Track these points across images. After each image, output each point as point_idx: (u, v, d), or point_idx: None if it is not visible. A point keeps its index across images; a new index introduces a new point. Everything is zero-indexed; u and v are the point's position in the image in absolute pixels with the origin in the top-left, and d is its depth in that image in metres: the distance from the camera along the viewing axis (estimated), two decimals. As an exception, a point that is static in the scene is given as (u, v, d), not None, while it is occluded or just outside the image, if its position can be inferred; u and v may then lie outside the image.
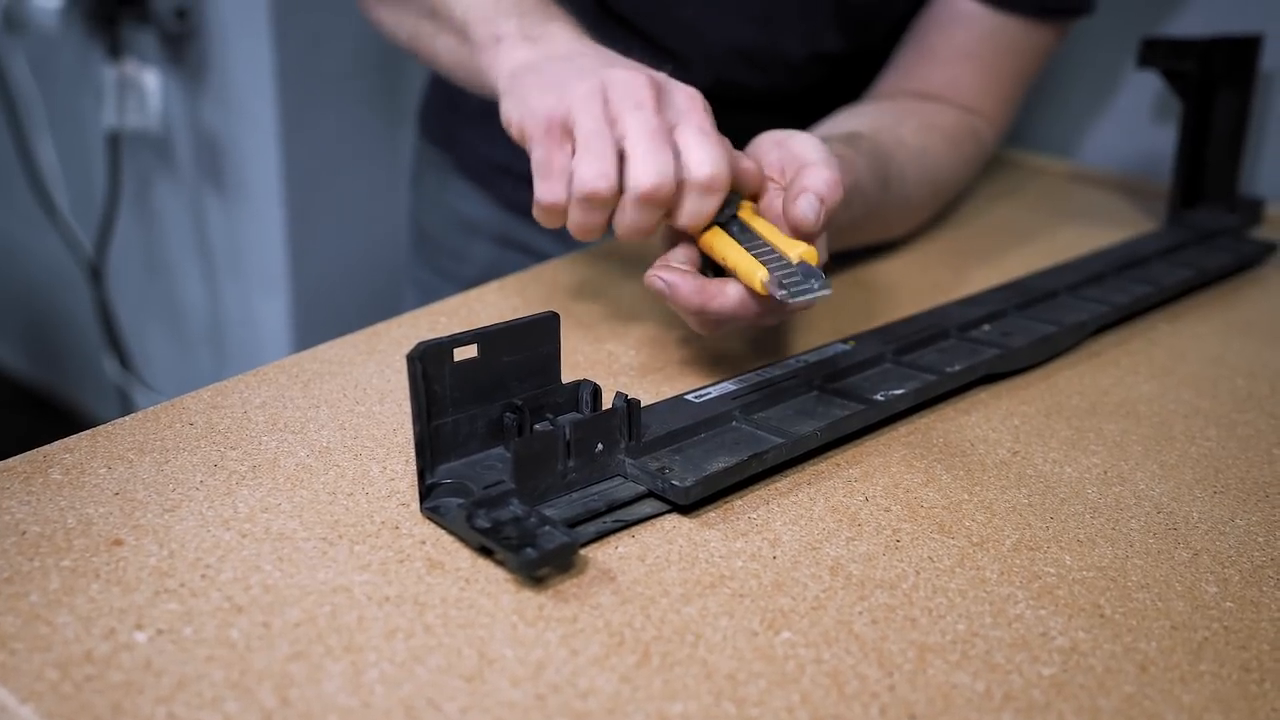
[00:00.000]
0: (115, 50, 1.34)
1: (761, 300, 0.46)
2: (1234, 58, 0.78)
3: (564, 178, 0.47)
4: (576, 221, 0.47)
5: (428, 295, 0.92)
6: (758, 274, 0.45)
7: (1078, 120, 0.98)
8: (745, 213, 0.49)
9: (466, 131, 0.87)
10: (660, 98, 0.47)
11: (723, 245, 0.47)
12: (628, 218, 0.46)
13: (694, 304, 0.46)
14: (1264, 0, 0.86)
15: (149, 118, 1.37)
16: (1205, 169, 0.79)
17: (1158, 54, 0.77)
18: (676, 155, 0.45)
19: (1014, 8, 0.70)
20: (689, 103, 0.47)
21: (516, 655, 0.33)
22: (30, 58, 1.45)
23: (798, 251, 0.46)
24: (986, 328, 0.57)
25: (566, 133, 0.47)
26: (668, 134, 0.46)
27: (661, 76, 0.48)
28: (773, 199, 0.49)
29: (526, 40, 0.53)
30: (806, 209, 0.46)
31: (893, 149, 0.64)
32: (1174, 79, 0.78)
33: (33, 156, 1.49)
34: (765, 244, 0.47)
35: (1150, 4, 0.91)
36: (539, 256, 0.83)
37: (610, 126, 0.46)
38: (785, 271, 0.45)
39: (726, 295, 0.46)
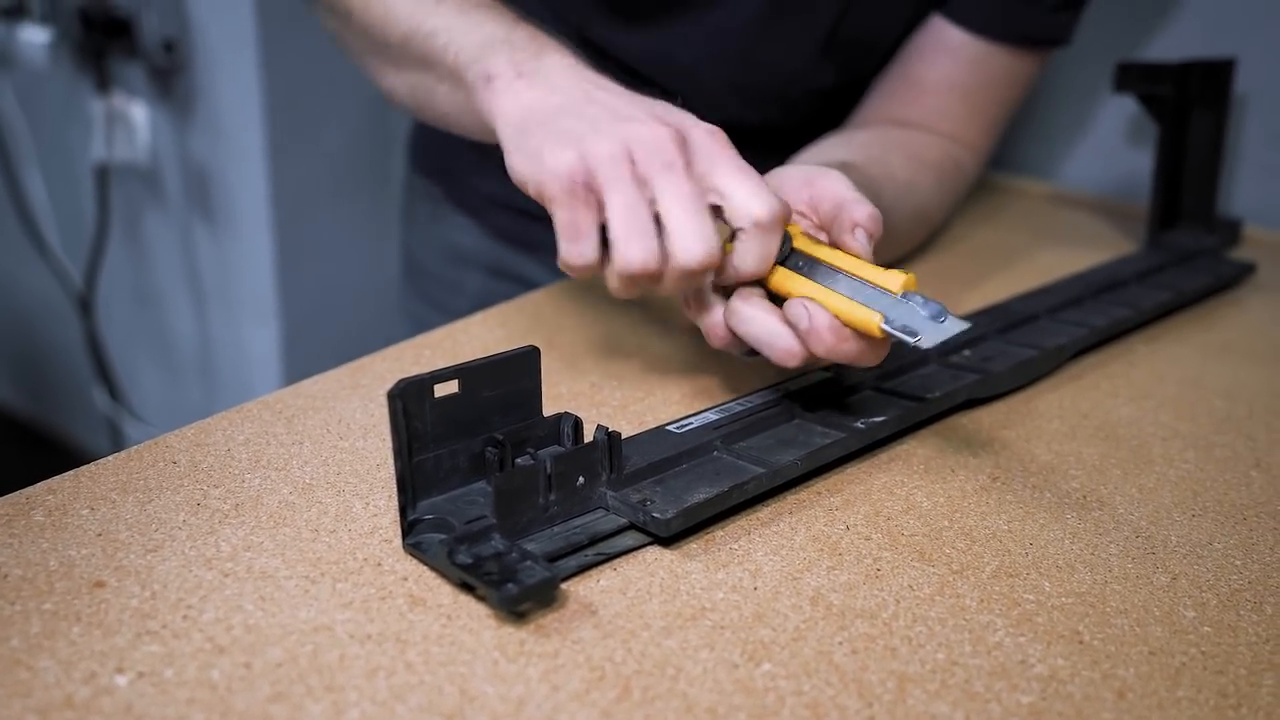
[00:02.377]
0: (103, 83, 1.35)
1: (878, 341, 0.44)
2: (1208, 81, 0.79)
3: (593, 239, 0.45)
4: (620, 291, 0.46)
5: (419, 326, 0.92)
6: (872, 317, 0.42)
7: (1057, 143, 0.99)
8: (802, 243, 0.46)
9: (458, 162, 0.87)
10: (686, 150, 0.45)
11: (801, 286, 0.44)
12: (670, 286, 0.45)
13: (828, 342, 0.43)
14: (1236, 24, 0.87)
15: (137, 150, 1.38)
16: (1183, 190, 0.80)
17: (1133, 78, 0.78)
18: (717, 209, 0.44)
19: (998, 37, 0.71)
20: (715, 145, 0.45)
21: (498, 692, 0.33)
22: (19, 91, 1.46)
23: (898, 282, 0.42)
24: (966, 353, 0.57)
25: (591, 192, 0.44)
26: (703, 196, 0.44)
27: (679, 120, 0.46)
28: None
29: (521, 78, 0.49)
30: (863, 243, 0.45)
31: (883, 181, 0.64)
32: (1150, 102, 0.79)
33: (21, 189, 1.49)
34: (845, 274, 0.44)
35: (1126, 28, 0.93)
36: (531, 286, 0.83)
37: (641, 189, 0.44)
38: (894, 307, 0.42)
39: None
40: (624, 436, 0.43)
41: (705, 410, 0.49)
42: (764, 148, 0.76)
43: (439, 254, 0.90)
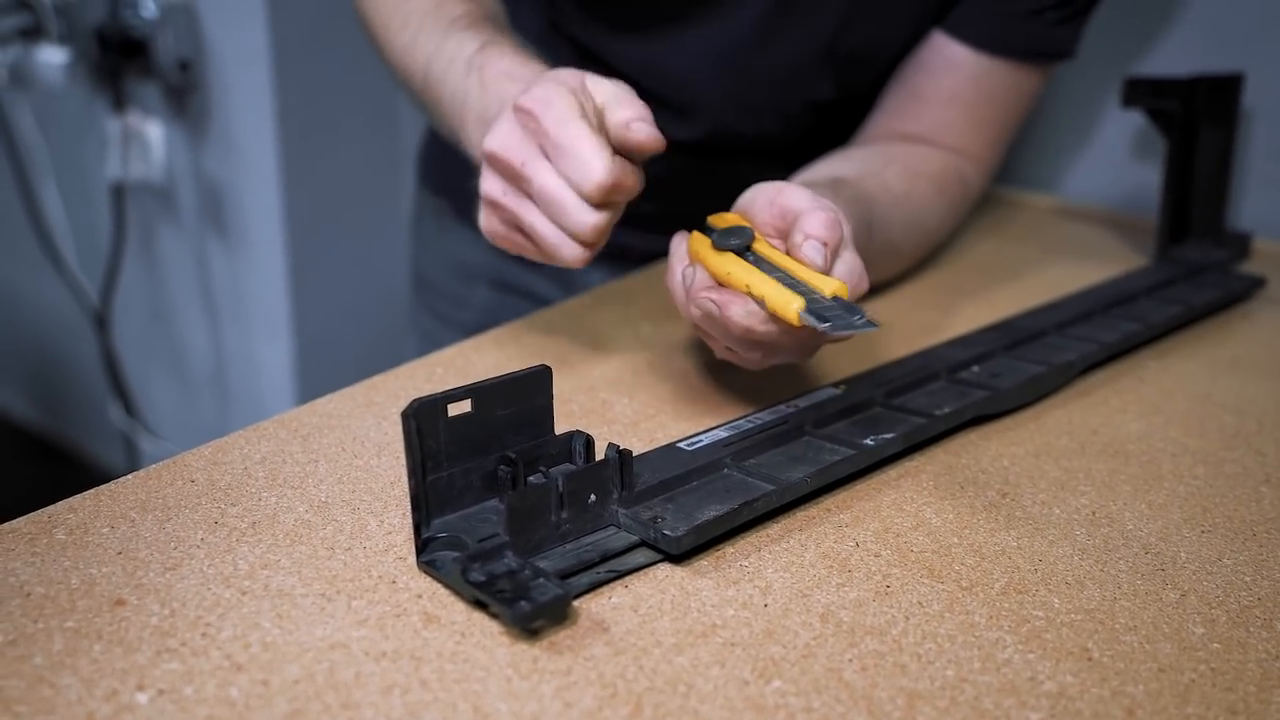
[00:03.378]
0: (119, 103, 1.37)
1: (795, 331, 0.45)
2: (1216, 96, 0.80)
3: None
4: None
5: (429, 342, 0.93)
6: (792, 304, 0.43)
7: (1063, 156, 1.00)
8: (762, 245, 0.48)
9: (463, 177, 0.88)
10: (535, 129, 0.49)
11: (744, 272, 0.46)
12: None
13: (742, 326, 0.45)
14: (1238, 37, 0.88)
15: (152, 168, 1.39)
16: (1191, 204, 0.80)
17: (1140, 93, 0.79)
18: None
19: (1001, 52, 0.71)
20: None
21: (511, 709, 0.34)
22: (36, 111, 1.48)
23: (831, 287, 0.44)
24: (975, 369, 0.57)
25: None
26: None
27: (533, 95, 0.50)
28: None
29: (481, 125, 0.56)
30: (813, 254, 0.46)
31: (877, 194, 0.65)
32: (1157, 117, 0.79)
33: (38, 207, 1.51)
34: (791, 277, 0.46)
35: (1129, 41, 0.93)
36: (538, 301, 0.84)
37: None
38: (821, 304, 0.44)
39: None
40: (635, 454, 0.44)
41: (715, 428, 0.49)
42: (763, 160, 0.77)
43: (446, 268, 0.91)
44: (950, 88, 0.73)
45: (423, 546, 0.40)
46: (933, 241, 0.75)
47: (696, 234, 0.51)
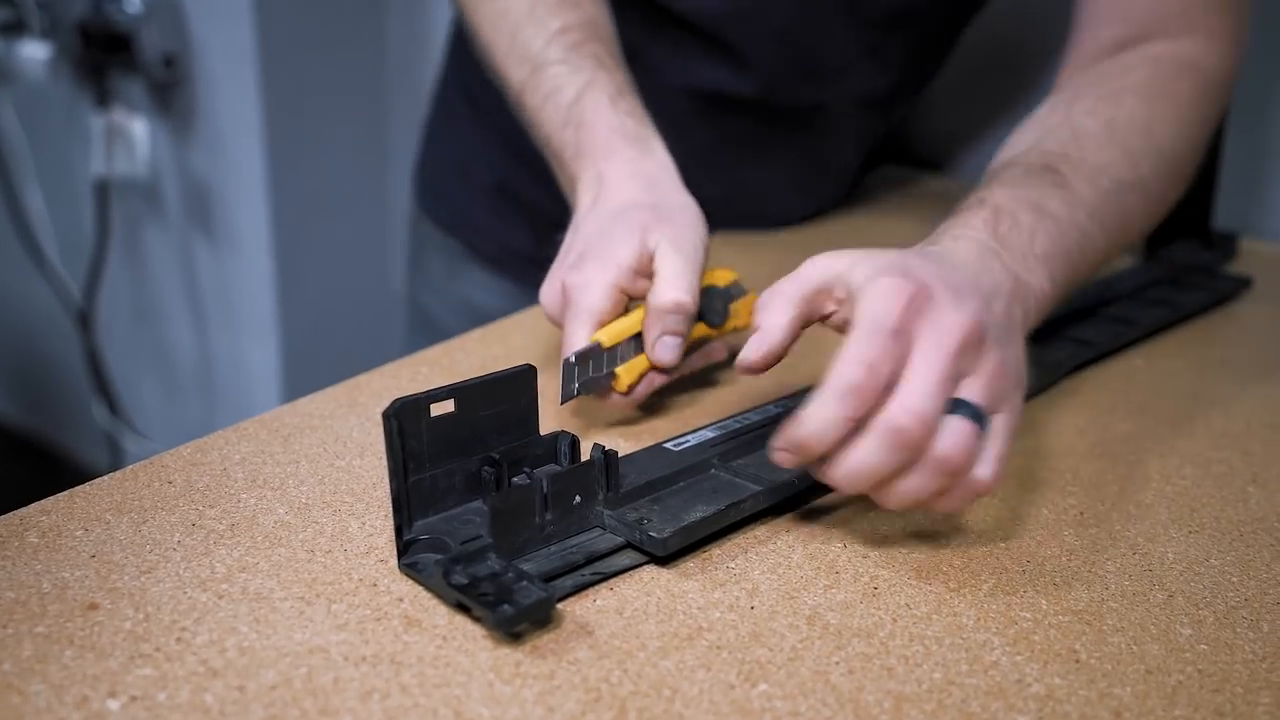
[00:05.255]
0: (103, 99, 1.36)
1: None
2: (1203, 95, 0.79)
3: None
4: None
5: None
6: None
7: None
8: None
9: (479, 213, 0.84)
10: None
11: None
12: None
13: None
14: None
15: (137, 165, 1.38)
16: (1178, 205, 0.80)
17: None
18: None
19: None
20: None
21: (493, 714, 0.33)
22: (18, 106, 1.46)
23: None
24: (963, 369, 0.57)
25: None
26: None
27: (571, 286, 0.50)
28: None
29: (586, 191, 0.55)
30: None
31: (1064, 149, 0.53)
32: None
33: (21, 205, 1.50)
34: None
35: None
36: None
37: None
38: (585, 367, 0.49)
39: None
40: (621, 454, 0.43)
41: (702, 428, 0.49)
42: (809, 127, 0.75)
43: (456, 312, 0.86)
44: None
45: (404, 549, 0.40)
46: (1177, 158, 0.58)
47: None
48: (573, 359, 0.48)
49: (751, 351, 0.42)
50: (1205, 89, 0.60)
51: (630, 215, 0.51)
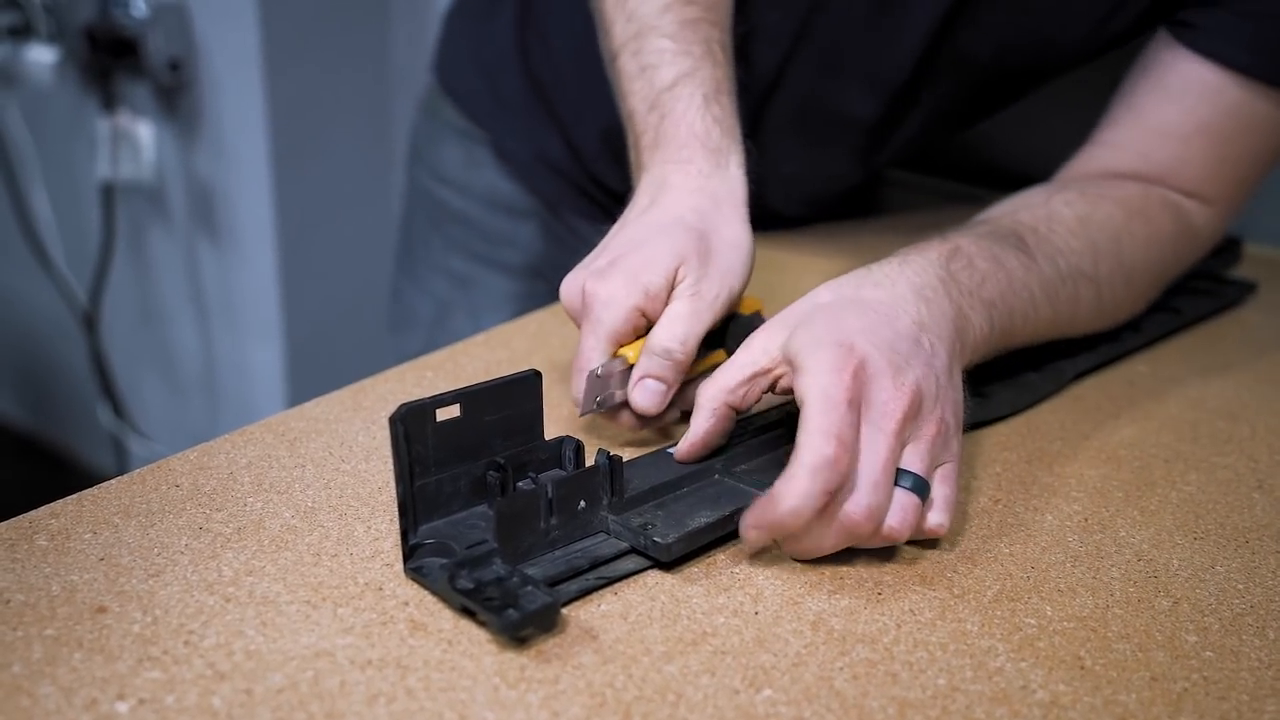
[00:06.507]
0: (109, 102, 1.36)
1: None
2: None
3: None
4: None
5: (464, 289, 0.84)
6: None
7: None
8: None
9: (509, 115, 0.80)
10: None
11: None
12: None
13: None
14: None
15: (143, 168, 1.38)
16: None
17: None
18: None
19: (1267, 78, 0.58)
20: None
21: (498, 718, 0.33)
22: (25, 110, 1.47)
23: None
24: (967, 375, 0.57)
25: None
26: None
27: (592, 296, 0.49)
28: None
29: (645, 192, 0.53)
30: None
31: (1033, 224, 0.55)
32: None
33: (27, 207, 1.50)
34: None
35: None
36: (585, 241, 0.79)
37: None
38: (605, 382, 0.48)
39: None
40: (625, 460, 0.43)
41: (706, 433, 0.49)
42: (846, 142, 0.72)
43: (478, 201, 0.82)
44: (1202, 118, 0.60)
45: (410, 553, 0.40)
46: (1135, 272, 0.60)
47: None
48: (599, 373, 0.47)
49: (683, 448, 0.46)
50: (1184, 233, 0.63)
51: (675, 236, 0.49)
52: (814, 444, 0.39)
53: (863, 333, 0.42)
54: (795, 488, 0.39)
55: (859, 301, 0.45)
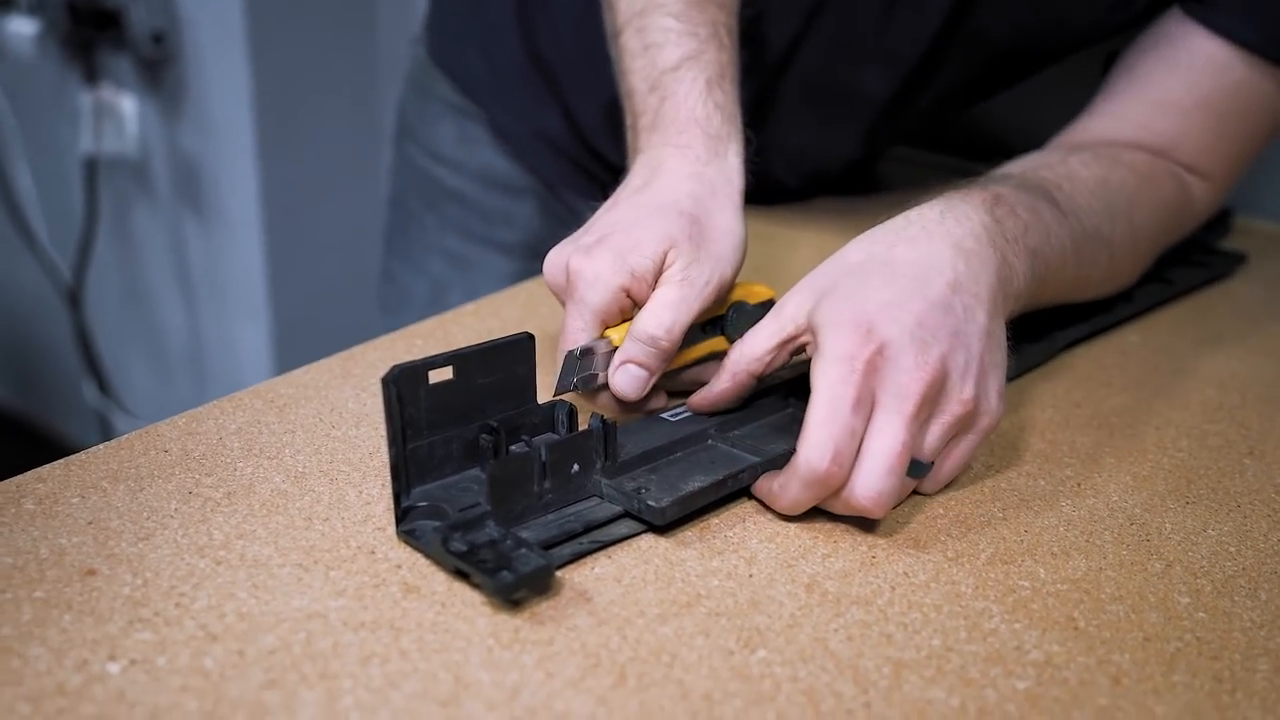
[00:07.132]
0: (92, 75, 1.34)
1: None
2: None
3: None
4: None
5: (461, 268, 0.82)
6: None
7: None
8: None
9: (506, 86, 0.78)
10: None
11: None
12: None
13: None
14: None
15: (126, 143, 1.37)
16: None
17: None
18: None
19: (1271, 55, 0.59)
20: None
21: (492, 679, 0.33)
22: (6, 83, 1.45)
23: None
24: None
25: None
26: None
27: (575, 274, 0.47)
28: None
29: (638, 172, 0.51)
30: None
31: (1056, 180, 0.55)
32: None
33: (9, 183, 1.48)
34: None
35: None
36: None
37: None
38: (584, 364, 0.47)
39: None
40: (618, 424, 0.43)
41: (700, 399, 0.48)
42: (860, 119, 0.71)
43: (473, 178, 0.80)
44: (1204, 93, 0.60)
45: (402, 515, 0.40)
46: (1140, 239, 0.60)
47: None
48: (577, 352, 0.46)
49: (696, 399, 0.47)
50: (1184, 205, 0.63)
51: (667, 218, 0.48)
52: (811, 457, 0.40)
53: (887, 308, 0.41)
54: (788, 494, 0.41)
55: (889, 264, 0.43)
